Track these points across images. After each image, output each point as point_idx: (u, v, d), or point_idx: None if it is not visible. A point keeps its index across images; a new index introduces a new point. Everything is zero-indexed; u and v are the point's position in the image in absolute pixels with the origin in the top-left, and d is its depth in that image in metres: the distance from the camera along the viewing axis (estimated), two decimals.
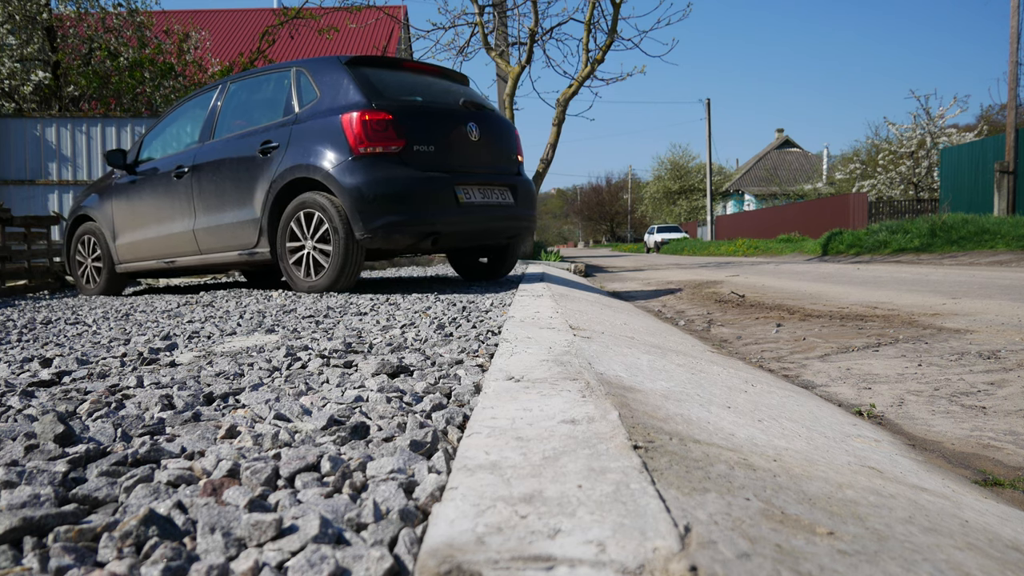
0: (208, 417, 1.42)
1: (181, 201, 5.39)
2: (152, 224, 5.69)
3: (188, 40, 14.82)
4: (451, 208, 4.48)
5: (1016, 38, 16.08)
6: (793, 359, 2.70)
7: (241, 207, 4.91)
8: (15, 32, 13.13)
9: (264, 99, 5.18)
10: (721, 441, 1.16)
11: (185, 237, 5.39)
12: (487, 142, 4.91)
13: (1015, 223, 12.84)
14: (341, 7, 14.38)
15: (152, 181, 5.70)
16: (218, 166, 5.09)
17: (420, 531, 0.83)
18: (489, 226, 4.82)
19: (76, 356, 2.25)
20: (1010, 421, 1.80)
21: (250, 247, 4.92)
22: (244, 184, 4.88)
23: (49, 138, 10.69)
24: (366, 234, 4.29)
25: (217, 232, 5.12)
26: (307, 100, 4.72)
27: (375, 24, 19.25)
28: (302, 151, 4.52)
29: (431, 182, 4.41)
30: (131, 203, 5.90)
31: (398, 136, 4.37)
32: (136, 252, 5.91)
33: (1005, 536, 0.98)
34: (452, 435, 1.22)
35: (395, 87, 4.72)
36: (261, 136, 4.83)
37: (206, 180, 5.17)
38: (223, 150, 5.11)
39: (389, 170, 4.32)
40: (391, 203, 4.31)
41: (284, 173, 4.57)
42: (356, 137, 4.31)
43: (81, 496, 0.97)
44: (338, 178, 4.30)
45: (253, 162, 4.81)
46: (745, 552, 0.70)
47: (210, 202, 5.16)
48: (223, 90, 5.49)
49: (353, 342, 2.37)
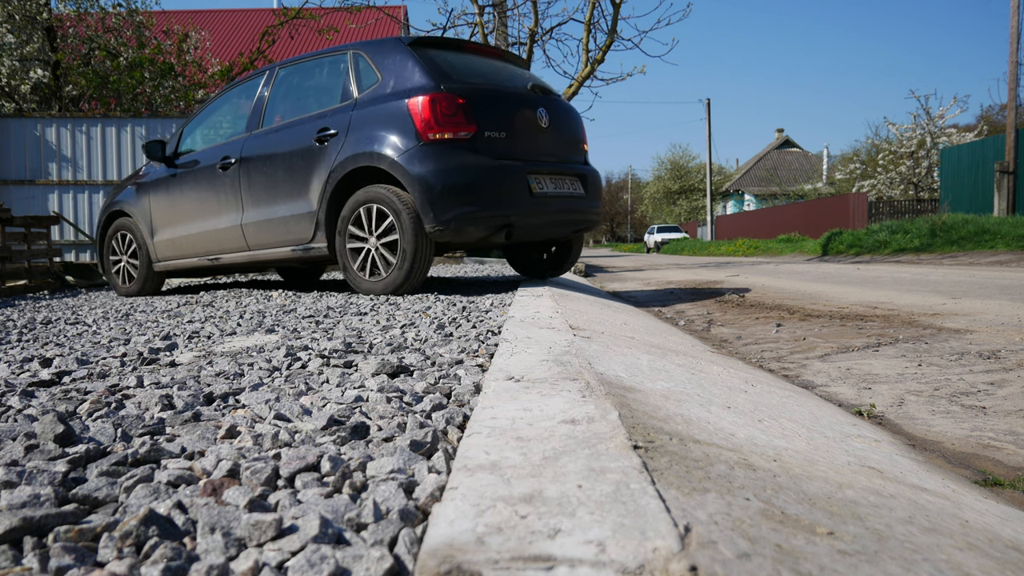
0: (208, 417, 1.42)
1: (227, 194, 5.09)
2: (194, 219, 5.39)
3: (188, 40, 14.83)
4: (524, 199, 4.23)
5: (1016, 38, 16.08)
6: (793, 359, 2.70)
7: (295, 200, 4.62)
8: (15, 32, 13.14)
9: (318, 84, 4.88)
10: (721, 441, 1.16)
11: (232, 233, 5.10)
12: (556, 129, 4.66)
13: (1015, 223, 12.84)
14: (341, 7, 14.38)
15: (194, 174, 5.40)
16: (269, 156, 4.79)
17: (420, 531, 0.83)
18: (562, 218, 4.58)
19: (76, 356, 2.25)
20: (1010, 421, 1.80)
21: (304, 242, 4.63)
22: (298, 175, 4.59)
23: (49, 138, 10.69)
24: (437, 227, 4.01)
25: (268, 227, 4.83)
26: (367, 84, 4.42)
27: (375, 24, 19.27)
28: (364, 138, 4.23)
29: (504, 171, 4.16)
30: (171, 197, 5.59)
31: (468, 121, 4.10)
32: (176, 249, 5.62)
33: (1005, 536, 0.98)
34: (452, 435, 1.22)
35: (462, 69, 4.44)
36: (317, 123, 4.53)
37: (255, 172, 4.88)
38: (274, 139, 4.81)
39: (461, 158, 4.05)
40: (464, 193, 4.02)
41: (344, 162, 4.27)
42: (424, 122, 4.04)
43: (81, 496, 0.97)
44: (405, 166, 4.02)
45: (308, 151, 4.52)
46: (745, 552, 0.70)
47: (260, 195, 4.86)
48: (271, 76, 5.17)
49: (353, 342, 2.37)
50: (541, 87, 4.79)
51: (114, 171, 10.80)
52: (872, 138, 31.48)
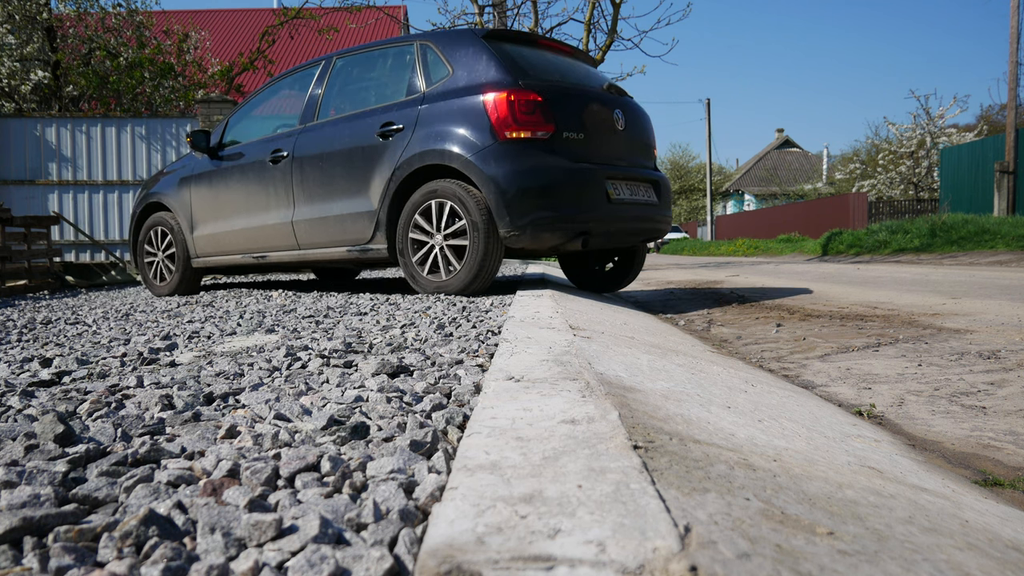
0: (208, 417, 1.42)
1: (278, 189, 4.86)
2: (239, 214, 5.15)
3: (188, 40, 14.83)
4: (602, 205, 4.03)
5: (1016, 38, 16.08)
6: (793, 359, 2.70)
7: (353, 197, 4.39)
8: (15, 32, 13.14)
9: (380, 76, 4.64)
10: (721, 441, 1.16)
11: (281, 230, 4.86)
12: (631, 132, 4.46)
13: (1015, 223, 12.84)
14: (341, 7, 14.39)
15: (241, 166, 5.15)
16: (325, 151, 4.56)
17: (420, 531, 0.83)
18: (636, 226, 4.35)
19: (76, 356, 2.25)
20: (1010, 421, 1.80)
21: (362, 242, 4.40)
22: (358, 171, 4.35)
23: (49, 138, 10.69)
24: (512, 231, 3.80)
25: (322, 225, 4.59)
26: (437, 77, 4.19)
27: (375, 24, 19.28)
28: (433, 134, 4.01)
29: (583, 175, 3.96)
30: (214, 191, 5.32)
31: (546, 120, 3.89)
32: (218, 245, 5.35)
33: (1005, 536, 0.98)
34: (452, 435, 1.22)
35: (538, 65, 4.23)
36: (380, 117, 4.31)
37: (310, 166, 4.64)
38: (331, 133, 4.57)
39: (539, 159, 3.85)
40: (541, 197, 3.82)
41: (411, 159, 4.06)
42: (502, 120, 3.83)
43: (81, 496, 0.97)
44: (480, 166, 3.80)
45: (370, 147, 4.30)
46: (745, 552, 0.70)
47: (314, 191, 4.62)
48: (328, 67, 4.90)
49: (353, 342, 2.37)
50: (616, 87, 4.61)
51: (114, 171, 10.81)
52: (872, 138, 31.53)
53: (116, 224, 10.79)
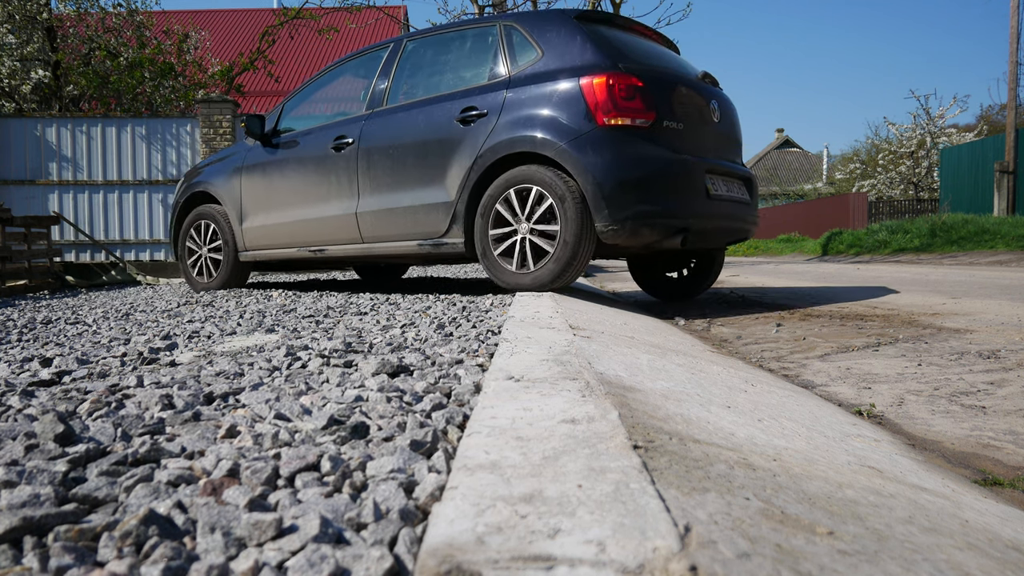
0: (208, 417, 1.42)
1: (341, 179, 4.58)
2: (296, 205, 4.86)
3: (188, 40, 14.84)
4: (701, 200, 3.80)
5: (1016, 38, 16.08)
6: (793, 359, 2.70)
7: (427, 187, 4.13)
8: (15, 32, 13.15)
9: (458, 59, 4.34)
10: (721, 441, 1.16)
11: (343, 222, 4.58)
12: (724, 125, 4.24)
13: (1015, 223, 12.85)
14: (341, 7, 14.39)
15: (299, 154, 4.86)
16: (396, 138, 4.30)
17: (420, 531, 0.83)
18: (729, 225, 4.12)
19: (76, 356, 2.25)
20: (1010, 421, 1.80)
21: (436, 236, 4.14)
22: (433, 160, 4.09)
23: (49, 138, 10.69)
24: (611, 225, 3.54)
25: (390, 217, 4.32)
26: (524, 60, 3.94)
27: (375, 24, 19.28)
28: (522, 120, 3.75)
29: (685, 167, 3.72)
30: (268, 180, 5.02)
31: (647, 108, 3.65)
32: (270, 238, 5.05)
33: (1005, 536, 0.98)
34: (452, 435, 1.22)
35: (634, 49, 3.97)
36: (459, 102, 4.05)
37: (378, 154, 4.37)
38: (403, 119, 4.31)
39: (640, 148, 3.60)
40: (643, 189, 3.57)
41: (496, 147, 3.80)
42: (601, 105, 3.58)
43: (81, 496, 0.97)
44: (577, 154, 3.55)
45: (448, 134, 4.04)
46: (745, 552, 0.70)
47: (382, 181, 4.35)
48: (397, 49, 4.63)
49: (353, 342, 2.37)
50: (711, 76, 4.36)
51: (114, 171, 10.81)
52: (872, 138, 31.58)
53: (116, 224, 10.79)
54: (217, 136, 10.63)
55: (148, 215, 10.83)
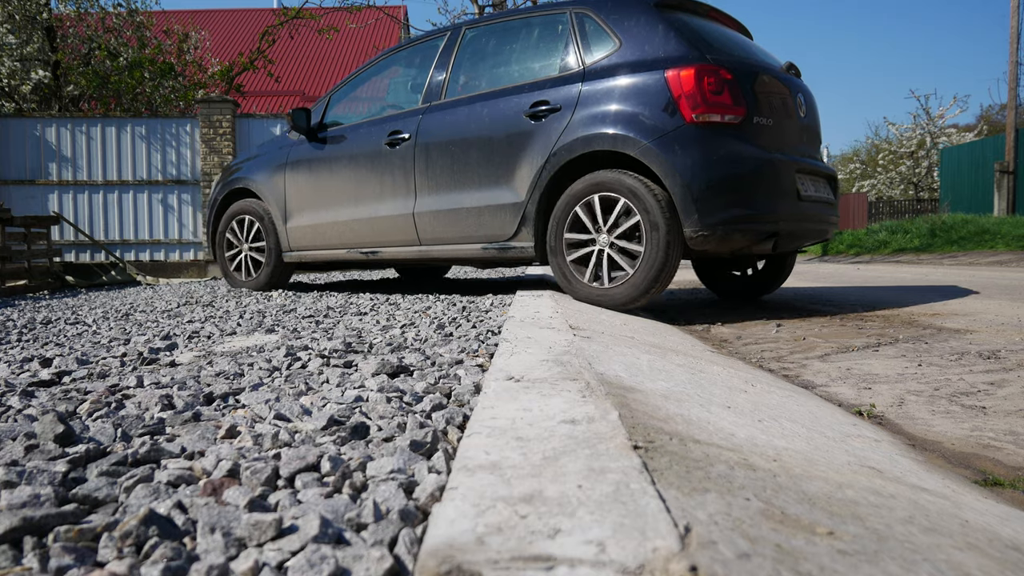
0: (208, 417, 1.42)
1: (396, 177, 4.32)
2: (346, 204, 4.60)
3: (188, 40, 14.84)
4: (791, 201, 3.58)
5: (1016, 38, 16.09)
6: (793, 359, 2.70)
7: (493, 187, 3.89)
8: (15, 32, 13.15)
9: (524, 49, 4.06)
10: (721, 441, 1.16)
11: (399, 223, 4.33)
12: (809, 120, 3.99)
13: (1015, 223, 12.85)
14: (341, 7, 14.40)
15: (350, 150, 4.59)
16: (458, 134, 4.04)
17: (420, 531, 0.83)
18: (813, 227, 3.88)
19: (76, 356, 2.25)
20: (1010, 421, 1.80)
21: (502, 239, 3.90)
22: (500, 158, 3.84)
23: (49, 138, 10.70)
24: (701, 231, 3.31)
25: (451, 219, 4.07)
26: (600, 50, 3.67)
27: (375, 24, 19.28)
28: (600, 116, 3.50)
29: (777, 167, 3.50)
30: (315, 177, 4.76)
31: (736, 103, 3.41)
32: (318, 238, 4.79)
33: (1005, 536, 0.98)
34: (452, 435, 1.22)
35: (718, 39, 3.72)
36: (528, 96, 3.80)
37: (437, 151, 4.12)
38: (466, 113, 4.04)
39: (732, 146, 3.37)
40: (736, 191, 3.35)
41: (571, 145, 3.56)
42: (689, 100, 3.34)
43: (81, 496, 0.97)
44: (663, 153, 3.31)
45: (516, 130, 3.79)
46: (745, 552, 0.70)
47: (442, 180, 4.10)
48: (456, 38, 4.33)
49: (353, 342, 2.37)
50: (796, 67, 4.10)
51: (114, 171, 10.81)
52: (872, 138, 31.64)
53: (116, 224, 10.79)
54: (217, 136, 10.63)
55: (148, 215, 10.83)
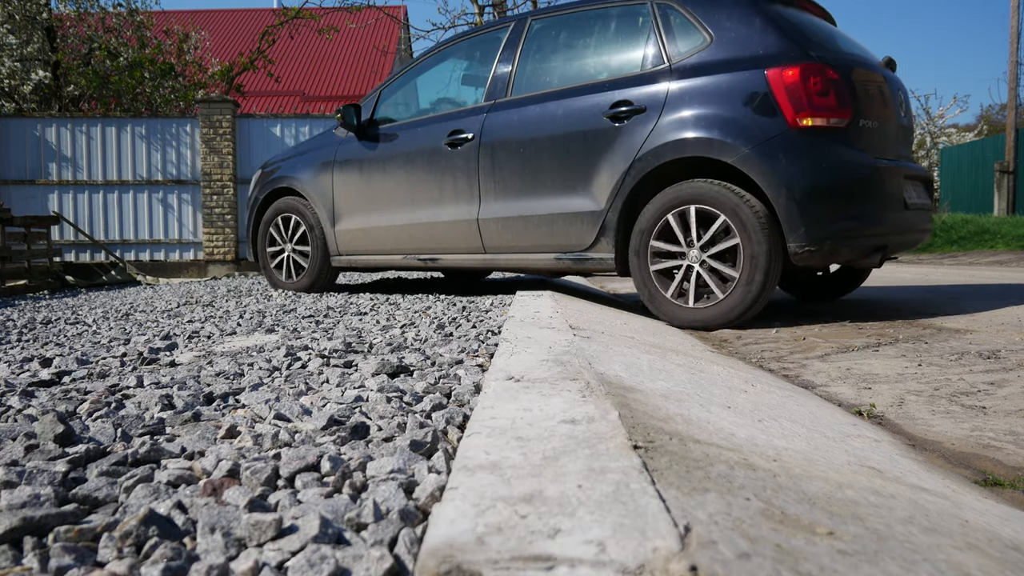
0: (208, 417, 1.42)
1: (457, 179, 4.07)
2: (402, 208, 4.35)
3: (188, 40, 14.84)
4: (899, 211, 3.34)
5: (1016, 38, 16.09)
6: (793, 359, 2.70)
7: (568, 194, 3.65)
8: (15, 32, 13.15)
9: (601, 43, 3.78)
10: (721, 441, 1.16)
11: (461, 229, 4.09)
12: (906, 119, 3.72)
13: (1015, 223, 12.86)
14: (341, 7, 14.40)
15: (405, 150, 4.34)
16: (528, 134, 3.78)
17: (420, 531, 0.83)
18: (916, 237, 3.62)
19: (76, 356, 2.25)
20: (1010, 421, 1.80)
21: (578, 249, 3.67)
22: (576, 162, 3.60)
23: (49, 138, 10.70)
24: (807, 246, 3.07)
25: (520, 226, 3.84)
26: (688, 46, 3.40)
27: (375, 24, 19.28)
28: (691, 120, 3.26)
29: (886, 175, 3.25)
30: (367, 177, 4.51)
31: (841, 105, 3.15)
32: (370, 242, 4.56)
33: (1005, 536, 0.98)
34: (452, 435, 1.22)
35: (815, 33, 3.43)
36: (608, 95, 3.54)
37: (504, 153, 3.86)
38: (537, 113, 3.78)
39: (839, 153, 3.13)
40: (846, 203, 3.13)
41: (659, 150, 3.31)
42: (793, 103, 3.09)
43: (81, 496, 0.97)
44: (764, 161, 3.08)
45: (595, 132, 3.54)
46: (745, 552, 0.70)
47: (510, 184, 3.85)
48: (521, 30, 4.04)
49: (353, 342, 2.37)
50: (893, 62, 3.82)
51: (114, 171, 10.82)
52: None
53: (116, 224, 10.80)
54: (217, 136, 10.63)
55: (148, 215, 10.83)
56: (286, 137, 10.85)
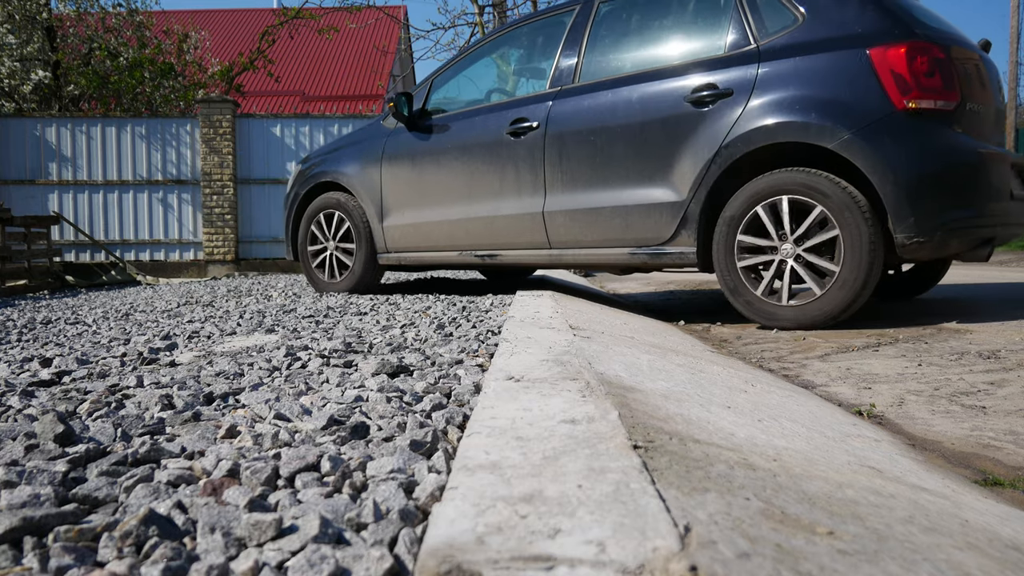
0: (208, 417, 1.42)
1: (520, 171, 3.88)
2: (458, 201, 4.16)
3: (188, 40, 14.85)
4: (1006, 200, 3.15)
5: (1016, 38, 16.10)
6: (793, 359, 2.70)
7: (645, 184, 3.47)
8: (15, 32, 13.16)
9: (677, 25, 3.61)
10: (721, 441, 1.16)
11: (524, 223, 3.90)
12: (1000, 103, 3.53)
13: None
14: (341, 7, 14.40)
15: (462, 140, 4.15)
16: (599, 121, 3.61)
17: (420, 531, 0.83)
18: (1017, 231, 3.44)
19: (76, 356, 2.25)
20: (1010, 421, 1.80)
21: (655, 242, 3.48)
22: (654, 150, 3.42)
23: (49, 138, 10.70)
24: (916, 237, 2.91)
25: (591, 219, 3.66)
26: (777, 25, 3.22)
27: (375, 24, 19.28)
28: (785, 103, 3.07)
29: (992, 161, 3.07)
30: (419, 170, 4.32)
31: (948, 87, 2.97)
32: (422, 239, 4.37)
33: (1005, 536, 0.98)
34: (452, 435, 1.22)
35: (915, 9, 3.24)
36: (689, 79, 3.37)
37: (574, 142, 3.69)
38: (608, 99, 3.60)
39: (947, 138, 2.96)
40: (956, 191, 2.95)
41: (748, 136, 3.13)
42: (899, 83, 2.90)
43: (81, 496, 0.97)
44: (868, 146, 2.90)
45: (675, 117, 3.37)
46: (745, 552, 0.70)
47: (580, 175, 3.68)
48: (588, 13, 3.88)
49: (353, 342, 2.37)
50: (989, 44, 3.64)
51: (114, 171, 10.82)
52: None
53: (116, 224, 10.80)
54: (217, 136, 10.63)
55: (148, 215, 10.83)
56: (286, 137, 10.85)
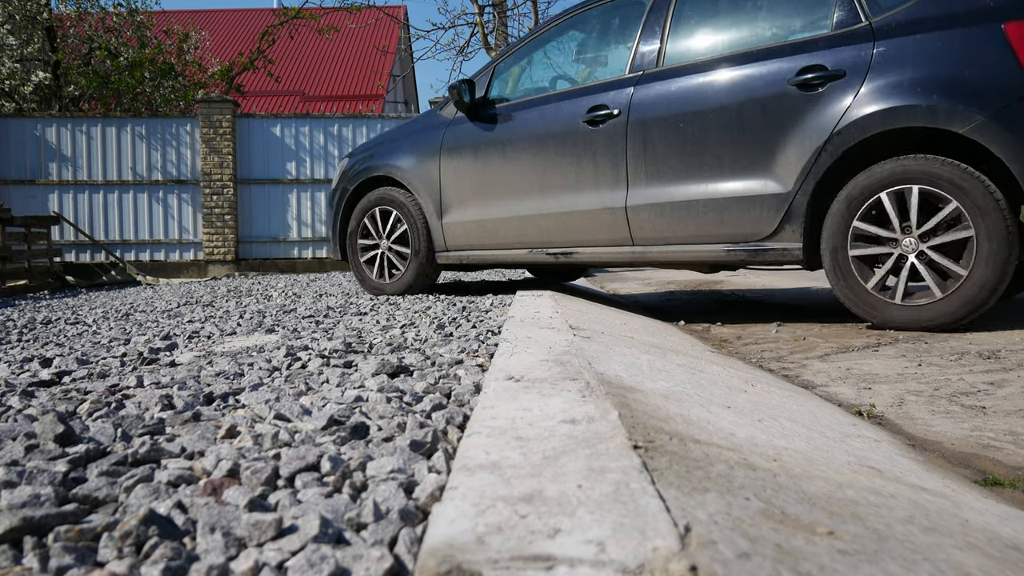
0: (208, 417, 1.42)
1: (599, 162, 3.62)
2: (527, 195, 3.89)
3: (188, 40, 14.85)
4: None
5: None
6: (793, 359, 2.70)
7: (743, 175, 3.23)
8: (15, 32, 13.16)
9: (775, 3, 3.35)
10: (721, 441, 1.16)
11: (604, 219, 3.63)
12: None
13: None
14: (341, 7, 14.41)
15: (531, 130, 3.89)
16: (690, 108, 3.36)
17: (420, 531, 0.83)
18: None
19: (76, 356, 2.25)
20: (1010, 421, 1.80)
21: (755, 238, 3.24)
22: (753, 137, 3.19)
23: (49, 138, 10.70)
24: None
25: (681, 213, 3.40)
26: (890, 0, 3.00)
27: (375, 24, 19.28)
28: (907, 83, 2.85)
29: None
30: (482, 162, 4.06)
31: None
32: (487, 236, 4.10)
33: (1005, 535, 0.98)
34: (452, 435, 1.22)
35: None
36: (792, 60, 3.11)
37: (660, 130, 3.42)
38: (699, 83, 3.36)
39: None
40: None
41: (864, 121, 2.91)
42: None
43: (81, 496, 0.97)
44: (1007, 130, 2.69)
45: (777, 102, 3.13)
46: (745, 552, 0.70)
47: (667, 165, 3.42)
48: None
49: (353, 342, 2.37)
50: None
51: (114, 171, 10.82)
52: None
53: (116, 224, 10.80)
54: (217, 136, 10.63)
55: (148, 215, 10.83)
56: (286, 137, 10.85)
